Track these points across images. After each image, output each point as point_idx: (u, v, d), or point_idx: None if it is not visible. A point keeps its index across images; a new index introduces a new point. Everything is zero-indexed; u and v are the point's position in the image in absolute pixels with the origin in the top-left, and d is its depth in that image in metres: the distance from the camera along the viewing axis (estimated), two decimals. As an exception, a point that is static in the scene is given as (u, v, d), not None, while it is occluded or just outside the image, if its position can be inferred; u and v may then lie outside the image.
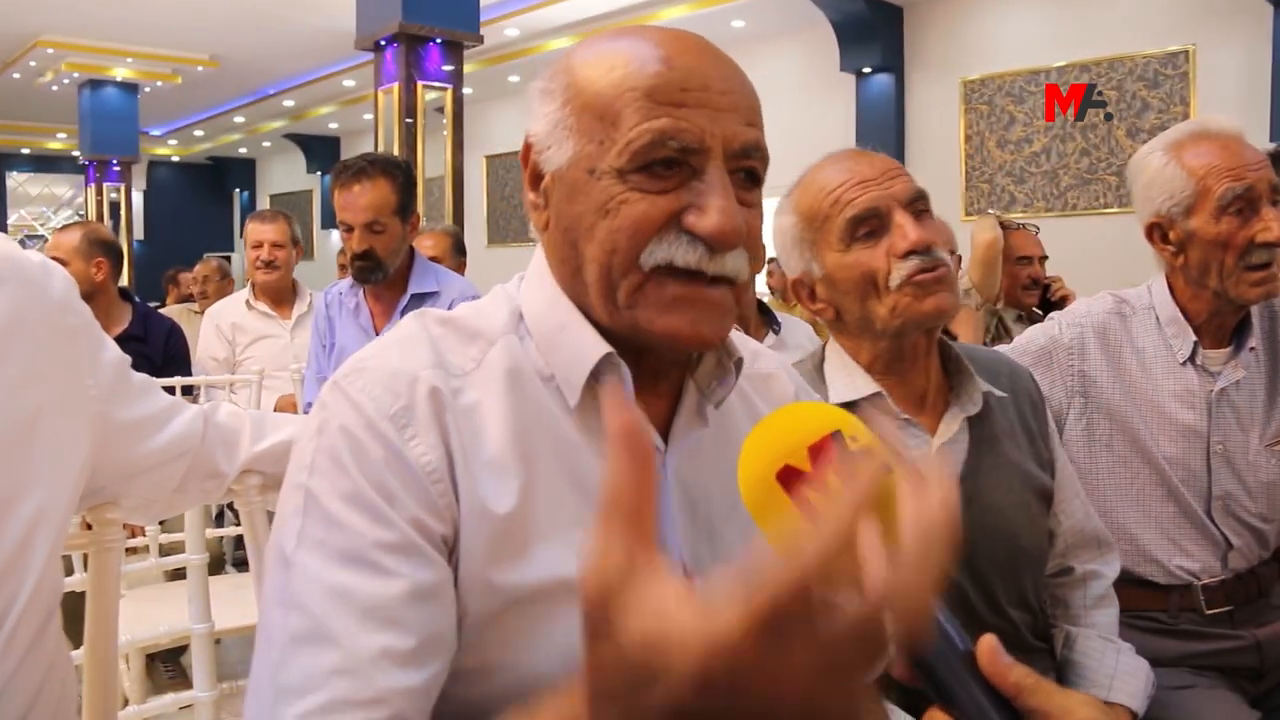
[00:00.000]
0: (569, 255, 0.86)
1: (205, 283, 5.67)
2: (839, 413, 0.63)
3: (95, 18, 10.90)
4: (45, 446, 1.01)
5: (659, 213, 0.80)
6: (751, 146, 0.83)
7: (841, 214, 1.35)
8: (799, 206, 1.41)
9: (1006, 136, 8.95)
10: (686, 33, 0.86)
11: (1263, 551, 1.75)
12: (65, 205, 19.22)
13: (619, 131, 0.81)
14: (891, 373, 1.42)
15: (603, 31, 0.89)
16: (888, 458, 0.61)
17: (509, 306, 0.91)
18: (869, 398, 1.40)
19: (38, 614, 1.01)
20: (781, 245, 1.46)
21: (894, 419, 1.40)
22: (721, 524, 0.90)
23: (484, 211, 13.68)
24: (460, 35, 7.80)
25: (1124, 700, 1.43)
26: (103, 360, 1.11)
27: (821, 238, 1.38)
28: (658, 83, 0.81)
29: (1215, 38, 7.78)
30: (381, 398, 0.81)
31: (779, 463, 0.60)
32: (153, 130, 16.75)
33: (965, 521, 1.41)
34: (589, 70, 0.84)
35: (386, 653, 0.73)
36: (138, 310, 3.63)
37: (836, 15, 9.34)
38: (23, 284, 1.01)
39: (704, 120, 0.81)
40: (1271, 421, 1.74)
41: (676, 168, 0.81)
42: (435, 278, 2.83)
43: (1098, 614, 1.54)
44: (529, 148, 0.89)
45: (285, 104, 15.09)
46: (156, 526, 2.72)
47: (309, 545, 0.77)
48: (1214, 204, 1.63)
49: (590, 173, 0.83)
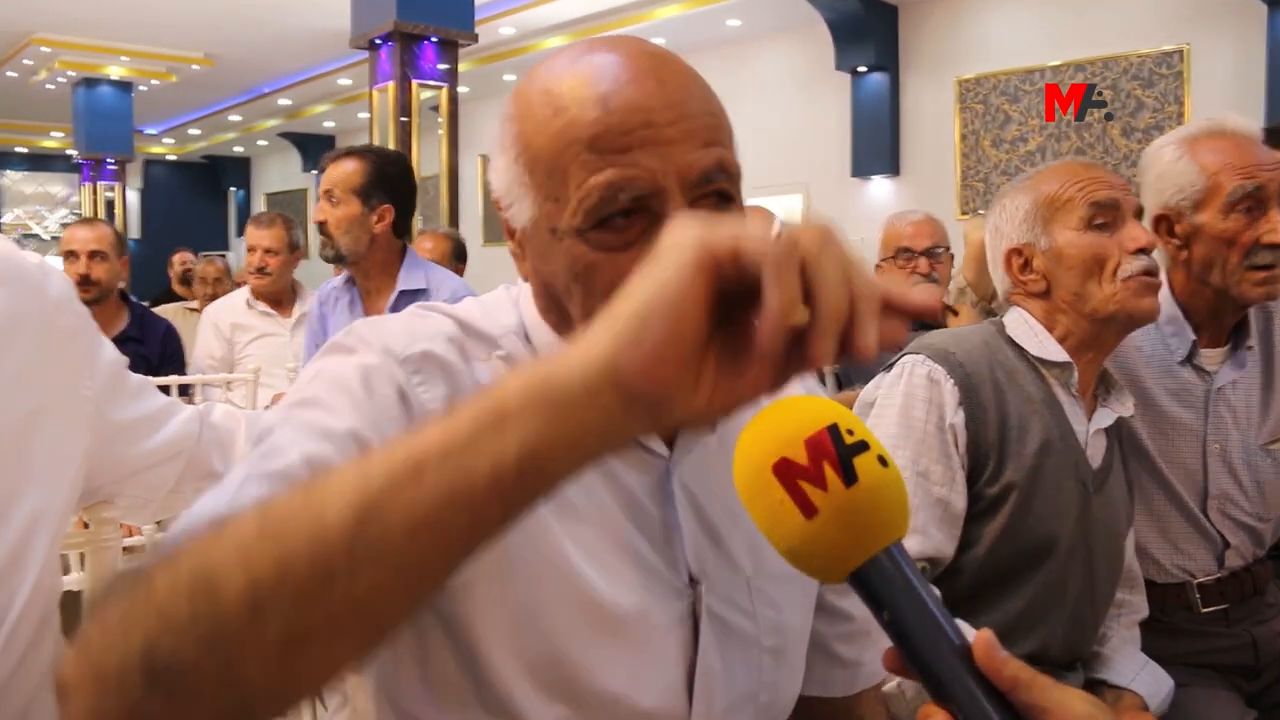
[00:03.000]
0: (554, 307, 0.86)
1: (215, 284, 5.70)
2: (835, 406, 0.62)
3: (90, 16, 10.88)
4: (43, 446, 1.02)
5: (626, 273, 0.77)
6: (713, 170, 0.78)
7: (1087, 198, 1.48)
8: (1039, 188, 1.52)
9: (1002, 135, 8.96)
10: (628, 53, 0.80)
11: (1258, 550, 1.76)
12: (60, 204, 19.16)
13: (568, 189, 0.77)
14: (1074, 353, 1.51)
15: (547, 59, 0.85)
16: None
17: (515, 311, 0.91)
18: (1058, 365, 1.51)
19: (37, 613, 1.01)
20: (1005, 220, 1.56)
21: (1068, 393, 1.51)
22: (727, 530, 0.90)
23: (480, 210, 13.66)
24: (455, 34, 7.79)
25: (1141, 690, 1.50)
26: (100, 360, 1.11)
27: (1060, 216, 1.49)
28: (597, 130, 0.76)
29: (1209, 37, 7.79)
30: (399, 339, 0.80)
31: (774, 455, 0.60)
32: (148, 129, 16.71)
33: (1095, 505, 1.49)
34: (533, 120, 0.81)
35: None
36: (134, 311, 3.65)
37: (832, 14, 9.34)
38: (21, 284, 1.02)
39: (653, 160, 0.76)
40: (1267, 421, 1.75)
41: (636, 215, 0.77)
42: (425, 275, 2.81)
43: (1128, 633, 1.61)
44: (498, 202, 0.87)
45: (281, 103, 15.06)
46: (153, 525, 2.72)
47: (298, 422, 0.75)
48: (1223, 200, 1.64)
49: (552, 233, 0.80)
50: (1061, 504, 1.45)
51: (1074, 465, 1.48)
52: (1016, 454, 1.44)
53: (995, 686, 0.58)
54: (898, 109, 9.56)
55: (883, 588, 0.60)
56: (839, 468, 0.59)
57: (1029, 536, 1.44)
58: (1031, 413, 1.46)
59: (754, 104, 9.54)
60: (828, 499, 0.58)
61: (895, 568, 0.60)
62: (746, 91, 9.62)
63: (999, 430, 1.44)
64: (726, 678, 0.88)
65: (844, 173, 9.87)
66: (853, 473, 0.59)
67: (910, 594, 0.60)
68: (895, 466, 0.61)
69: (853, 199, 9.75)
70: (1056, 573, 1.45)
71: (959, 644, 0.59)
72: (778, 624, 0.92)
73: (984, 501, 1.44)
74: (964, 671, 0.58)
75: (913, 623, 0.60)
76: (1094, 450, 1.52)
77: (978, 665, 0.59)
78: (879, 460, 0.60)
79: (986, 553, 1.44)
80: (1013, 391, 1.47)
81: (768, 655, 0.91)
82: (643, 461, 0.87)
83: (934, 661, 0.59)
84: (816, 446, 0.59)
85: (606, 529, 0.84)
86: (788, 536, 0.60)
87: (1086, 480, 1.49)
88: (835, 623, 1.03)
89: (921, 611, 0.60)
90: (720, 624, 0.88)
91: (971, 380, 1.45)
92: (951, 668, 0.59)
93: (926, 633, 0.59)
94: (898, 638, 0.60)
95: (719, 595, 0.88)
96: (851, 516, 0.59)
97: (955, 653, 0.59)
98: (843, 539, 0.59)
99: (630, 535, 0.85)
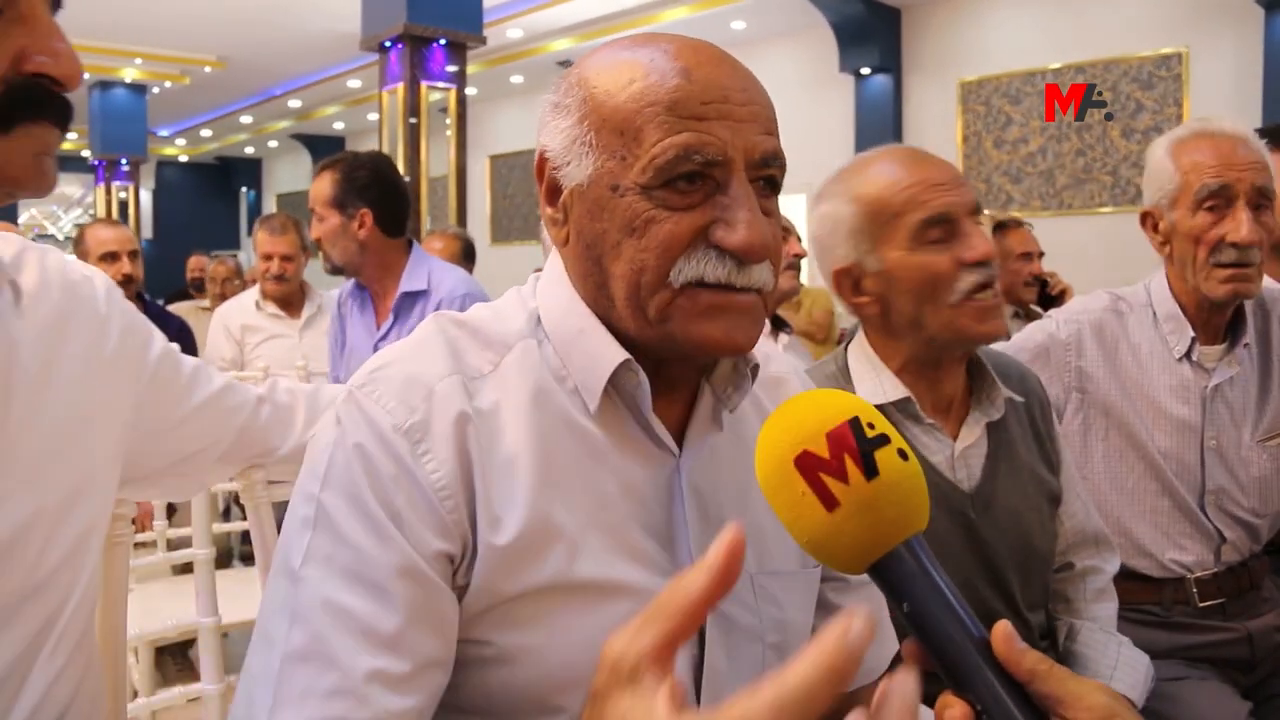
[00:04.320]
0: (592, 270, 0.85)
1: (224, 285, 5.69)
2: (856, 400, 0.63)
3: (105, 19, 10.92)
4: (100, 449, 1.03)
5: (686, 230, 0.80)
6: (771, 155, 0.82)
7: (915, 213, 1.31)
8: (860, 197, 1.36)
9: (1003, 136, 8.96)
10: (701, 42, 0.85)
11: (1254, 545, 1.77)
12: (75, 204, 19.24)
13: (641, 147, 0.80)
14: (922, 377, 1.40)
15: (612, 42, 0.88)
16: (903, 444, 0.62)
17: (525, 310, 0.90)
18: (896, 402, 1.38)
19: (86, 611, 1.02)
20: (828, 232, 1.40)
21: (919, 424, 1.38)
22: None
23: (487, 211, 13.70)
24: (464, 36, 7.81)
25: (1124, 690, 1.44)
26: (150, 357, 1.12)
27: (887, 233, 1.33)
28: (678, 96, 0.80)
29: (1208, 40, 7.79)
30: (396, 411, 0.80)
31: (797, 448, 0.60)
32: (161, 130, 16.77)
33: (984, 526, 1.34)
34: (606, 84, 0.83)
35: (382, 676, 0.74)
36: (149, 309, 3.69)
37: (835, 17, 9.35)
38: (70, 293, 1.03)
39: (725, 132, 0.80)
40: (1264, 417, 1.76)
41: (700, 181, 0.80)
42: (427, 275, 2.78)
43: (1097, 607, 1.55)
44: (544, 161, 0.87)
45: (291, 104, 15.10)
46: (164, 521, 2.78)
47: (316, 560, 0.77)
48: (1191, 198, 1.67)
49: (614, 189, 0.81)
50: (939, 546, 1.29)
51: (944, 500, 1.35)
52: None
53: (1014, 678, 0.59)
54: (900, 110, 9.56)
55: (903, 580, 0.60)
56: (860, 461, 0.59)
57: None
58: None
59: (760, 105, 9.54)
60: (849, 492, 0.59)
61: (915, 560, 0.60)
62: (752, 93, 9.61)
63: None
64: (732, 674, 0.88)
65: (848, 173, 9.88)
66: (874, 466, 0.59)
67: (930, 586, 0.60)
68: (915, 460, 0.61)
69: (857, 199, 9.76)
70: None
71: (978, 635, 0.59)
72: (781, 620, 0.92)
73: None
74: (983, 663, 0.59)
75: (933, 614, 0.59)
76: (967, 470, 1.40)
77: (997, 657, 0.59)
78: (899, 454, 0.60)
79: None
80: None
81: (772, 651, 0.91)
82: (654, 458, 0.87)
83: (953, 652, 0.59)
84: (838, 440, 0.59)
85: (614, 532, 0.84)
86: (809, 529, 0.60)
87: (965, 508, 1.37)
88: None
89: (941, 603, 0.60)
90: (725, 621, 0.88)
91: None
92: (970, 659, 0.59)
93: (946, 624, 0.59)
94: (918, 629, 0.60)
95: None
96: (872, 509, 0.59)
97: (974, 644, 0.59)
98: (863, 532, 0.59)
99: (638, 536, 0.85)
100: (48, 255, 1.04)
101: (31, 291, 0.98)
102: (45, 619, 0.95)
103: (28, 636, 0.93)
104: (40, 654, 0.94)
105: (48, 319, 0.99)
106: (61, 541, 0.96)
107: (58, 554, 0.95)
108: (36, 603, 0.94)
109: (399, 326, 2.75)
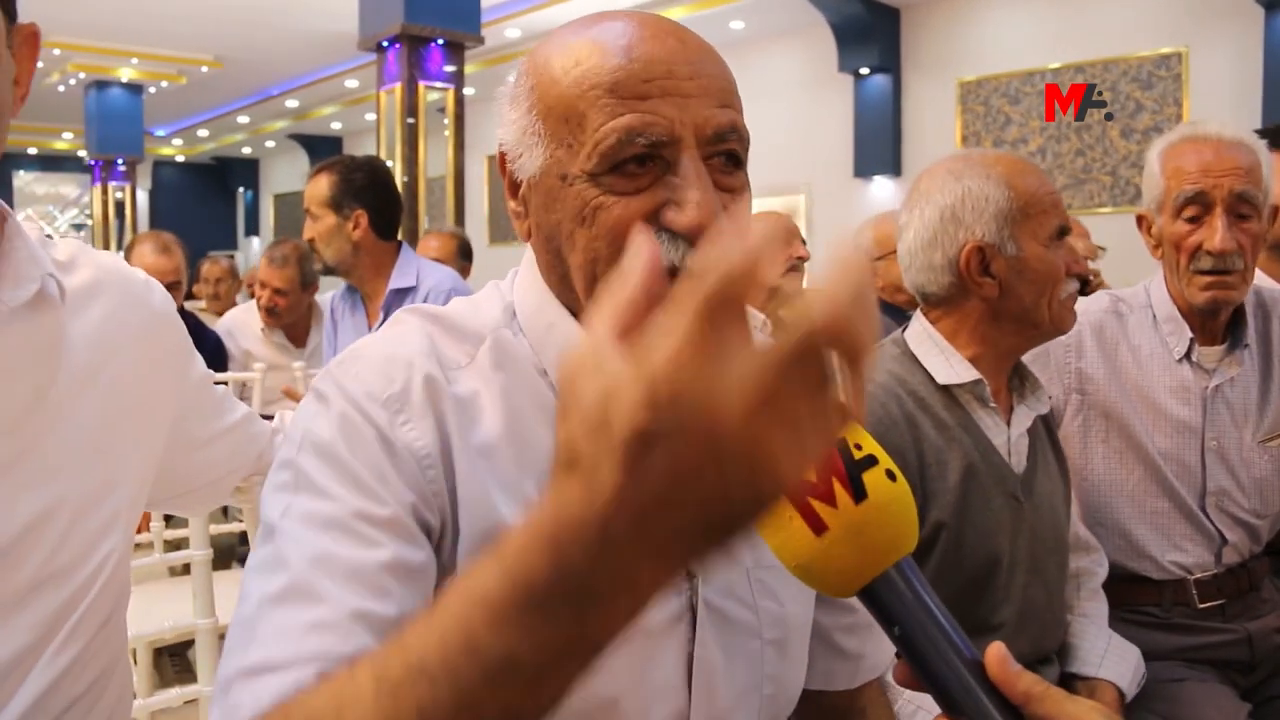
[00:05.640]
0: (554, 262, 0.84)
1: (218, 284, 5.62)
2: None
3: (101, 19, 10.92)
4: (133, 449, 1.05)
5: (635, 215, 0.77)
6: (726, 129, 0.79)
7: (1056, 218, 1.45)
8: (1015, 185, 1.43)
9: (1003, 137, 8.97)
10: (651, 16, 0.82)
11: (1255, 546, 1.77)
12: (71, 205, 19.24)
13: (585, 133, 0.77)
14: (994, 366, 1.48)
15: (565, 25, 0.85)
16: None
17: (502, 302, 0.90)
18: (967, 384, 1.45)
19: (107, 607, 1.03)
20: (969, 207, 1.44)
21: (985, 407, 1.46)
22: None
23: (485, 211, 13.71)
24: (462, 36, 7.81)
25: (1112, 677, 1.47)
26: (191, 375, 1.17)
27: (1032, 225, 1.43)
28: (619, 77, 0.77)
29: (1207, 40, 7.80)
30: (375, 381, 0.79)
31: None
32: (157, 130, 16.77)
33: (1029, 510, 1.42)
34: (552, 70, 0.80)
35: (367, 615, 0.69)
36: (188, 322, 3.63)
37: (835, 17, 9.36)
38: (125, 294, 1.07)
39: (671, 110, 0.76)
40: (1264, 418, 1.76)
41: (650, 163, 0.77)
42: (416, 272, 2.83)
43: (1090, 605, 1.58)
44: (503, 156, 0.86)
45: (288, 104, 15.10)
46: (161, 523, 2.76)
47: (295, 515, 0.74)
48: (1172, 204, 1.68)
49: (563, 179, 0.79)
50: (994, 523, 1.41)
51: (1000, 481, 1.43)
52: (939, 491, 1.39)
53: (1008, 700, 0.58)
54: (899, 110, 9.58)
55: (893, 603, 0.59)
56: (848, 484, 0.58)
57: (968, 565, 1.40)
58: (949, 441, 1.41)
59: (757, 105, 9.50)
60: (837, 516, 0.57)
61: (905, 583, 0.59)
62: (750, 93, 9.40)
63: (918, 472, 1.39)
64: (728, 671, 0.87)
65: (846, 173, 9.89)
66: (862, 489, 0.58)
67: (921, 608, 0.59)
68: (903, 481, 0.60)
69: (854, 199, 9.77)
70: (1003, 589, 1.43)
71: (971, 657, 0.59)
72: (779, 616, 0.91)
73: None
74: (976, 686, 0.58)
75: (924, 637, 0.59)
76: (1018, 455, 1.48)
77: (990, 679, 0.58)
78: (887, 474, 0.59)
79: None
80: (926, 423, 1.42)
81: (770, 647, 0.90)
82: None
83: (946, 675, 0.58)
84: (825, 463, 0.58)
85: None
86: (798, 554, 0.59)
87: (1015, 491, 1.44)
88: (837, 615, 1.01)
89: (933, 626, 0.59)
90: (719, 617, 0.87)
91: (882, 425, 1.39)
92: (964, 682, 0.58)
93: (938, 647, 0.59)
94: (909, 652, 0.59)
95: (717, 587, 0.87)
96: (861, 533, 0.58)
97: (968, 666, 0.58)
98: (853, 556, 0.58)
99: None
100: (104, 259, 1.08)
101: (84, 291, 1.02)
102: (58, 609, 0.96)
103: (39, 625, 0.95)
104: (51, 644, 0.96)
105: (99, 319, 1.03)
106: (81, 534, 0.98)
107: (77, 546, 0.97)
108: (50, 592, 0.95)
109: None
